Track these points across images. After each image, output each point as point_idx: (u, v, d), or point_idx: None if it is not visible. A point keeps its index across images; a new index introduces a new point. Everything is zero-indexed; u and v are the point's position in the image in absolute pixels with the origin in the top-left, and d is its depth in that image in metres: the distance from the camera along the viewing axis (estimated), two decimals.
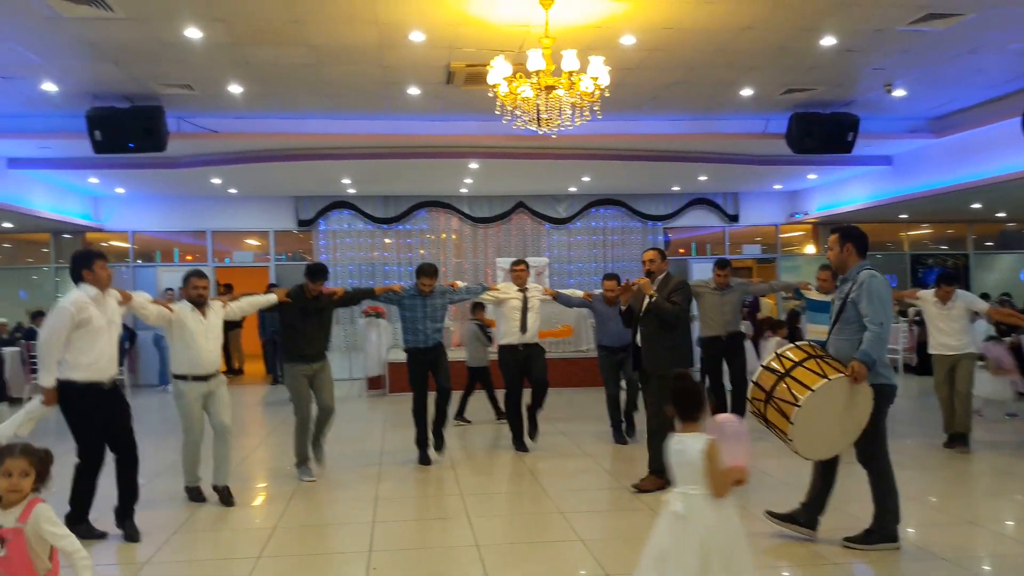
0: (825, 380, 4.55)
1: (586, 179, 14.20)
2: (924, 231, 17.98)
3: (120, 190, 14.28)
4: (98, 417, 5.44)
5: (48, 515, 3.24)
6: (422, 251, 15.94)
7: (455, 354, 9.52)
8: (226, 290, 14.02)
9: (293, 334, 7.08)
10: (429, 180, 14.01)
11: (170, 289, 13.80)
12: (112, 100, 9.44)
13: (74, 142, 10.15)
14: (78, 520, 5.42)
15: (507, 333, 8.15)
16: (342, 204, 15.49)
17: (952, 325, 8.12)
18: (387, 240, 15.98)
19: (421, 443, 7.65)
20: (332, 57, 8.38)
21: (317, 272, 7.18)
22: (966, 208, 14.75)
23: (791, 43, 8.24)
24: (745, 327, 10.62)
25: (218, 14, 7.14)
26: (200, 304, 6.36)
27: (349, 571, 4.78)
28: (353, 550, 5.13)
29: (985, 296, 13.34)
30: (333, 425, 7.41)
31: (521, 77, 6.96)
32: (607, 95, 7.14)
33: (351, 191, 15.00)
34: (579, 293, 8.88)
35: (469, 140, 11.35)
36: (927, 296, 8.30)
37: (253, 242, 16.24)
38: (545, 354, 8.35)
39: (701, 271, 16.16)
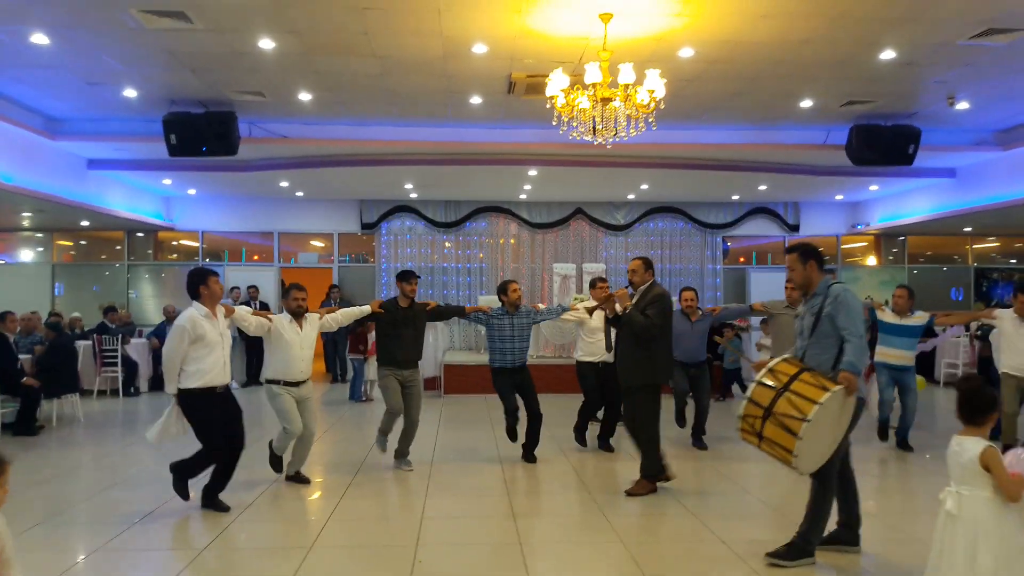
0: (828, 393, 4.48)
1: (644, 187, 14.30)
2: (991, 244, 17.64)
3: (192, 191, 14.83)
4: (216, 418, 6.04)
5: (6, 525, 3.05)
6: (481, 255, 16.21)
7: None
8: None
9: (387, 342, 7.41)
10: (489, 186, 14.27)
11: (236, 288, 14.30)
12: (188, 106, 9.87)
13: (150, 145, 10.65)
14: (183, 476, 6.14)
15: (590, 351, 8.32)
16: (404, 208, 15.86)
17: None
18: (447, 244, 16.28)
19: (511, 432, 7.95)
20: (398, 67, 8.66)
21: (409, 274, 7.58)
22: None
23: (850, 56, 8.27)
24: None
25: (290, 26, 7.47)
26: (298, 315, 6.84)
27: (396, 562, 4.99)
28: (401, 543, 5.35)
29: None
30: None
31: (578, 89, 7.14)
32: (662, 107, 7.28)
33: (413, 196, 15.34)
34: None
35: (529, 148, 11.57)
36: (1005, 314, 7.90)
37: (318, 243, 16.67)
38: None
39: (758, 280, 16.17)
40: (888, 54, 8.16)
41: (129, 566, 5.06)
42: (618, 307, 6.73)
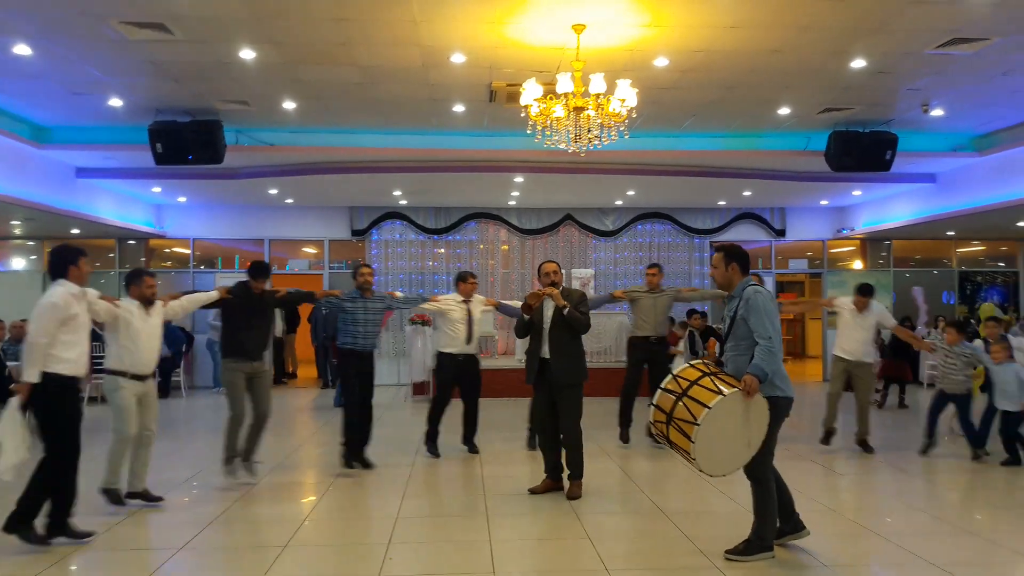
0: (720, 396, 4.63)
1: (631, 193, 14.44)
2: (976, 248, 17.78)
3: (182, 199, 14.96)
4: (77, 411, 5.47)
5: None
6: (472, 261, 16.35)
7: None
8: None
9: (233, 331, 7.12)
10: (477, 192, 14.43)
11: None
12: (173, 114, 10.01)
13: (137, 153, 10.76)
14: (26, 520, 5.31)
15: (450, 342, 8.38)
16: (394, 215, 16.01)
17: (862, 334, 8.66)
18: (439, 250, 16.44)
19: (351, 445, 7.74)
20: (379, 76, 8.81)
21: (260, 270, 7.25)
22: (1013, 226, 14.63)
23: (822, 65, 8.42)
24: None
25: (270, 36, 7.61)
26: (148, 303, 6.46)
27: (367, 560, 5.12)
28: (374, 541, 5.50)
29: None
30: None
31: (551, 98, 7.29)
32: (634, 116, 7.48)
33: (403, 202, 15.48)
34: (519, 304, 9.17)
35: (514, 155, 11.71)
36: (845, 303, 8.78)
37: (310, 250, 16.79)
38: (479, 367, 8.66)
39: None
40: (859, 63, 8.31)
41: (108, 564, 5.20)
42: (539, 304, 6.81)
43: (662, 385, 5.01)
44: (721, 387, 4.73)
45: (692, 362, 5.09)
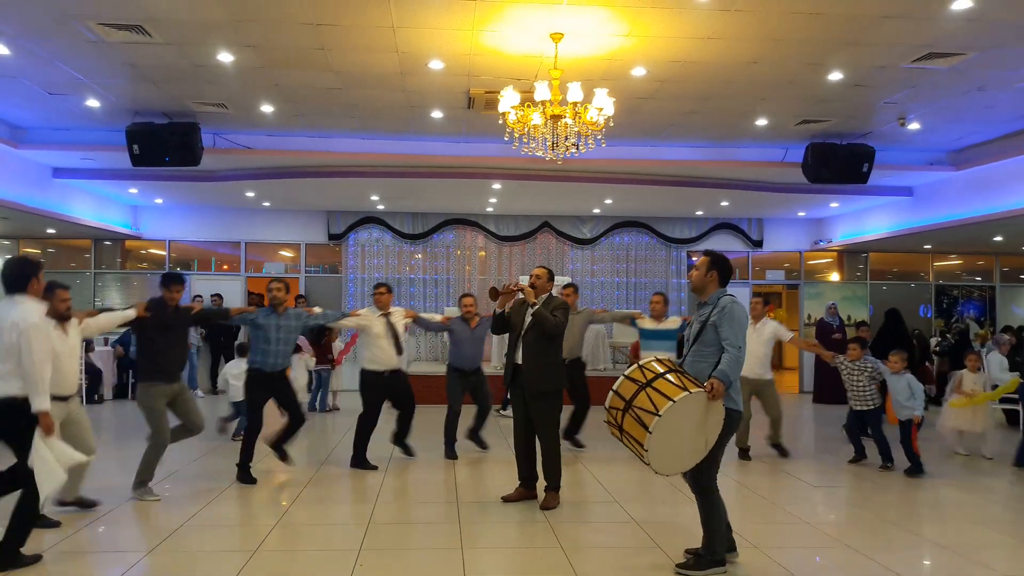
0: (686, 393, 4.63)
1: (609, 201, 14.49)
2: (953, 262, 17.95)
3: (159, 200, 14.87)
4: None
5: None
6: (448, 267, 16.35)
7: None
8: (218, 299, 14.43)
9: (152, 351, 6.81)
10: (456, 198, 14.44)
11: (199, 296, 14.31)
12: (151, 116, 9.96)
13: (115, 154, 10.71)
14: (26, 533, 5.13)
15: (374, 359, 8.10)
16: (372, 219, 15.98)
17: (760, 349, 8.55)
18: (416, 256, 16.42)
19: (245, 465, 7.48)
20: (357, 82, 8.80)
21: (173, 279, 6.93)
22: (989, 240, 14.79)
23: (798, 77, 8.49)
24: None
25: (248, 40, 7.59)
26: (64, 319, 5.95)
27: (337, 567, 5.09)
28: (344, 548, 5.46)
29: (1007, 329, 13.53)
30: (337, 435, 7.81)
31: (529, 106, 7.31)
32: (612, 124, 7.53)
33: (380, 207, 15.45)
34: (437, 317, 9.09)
35: (491, 161, 11.72)
36: None
37: (286, 253, 16.72)
38: (407, 379, 8.50)
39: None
40: (836, 75, 8.39)
41: (79, 567, 5.15)
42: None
43: (626, 373, 4.96)
44: (687, 385, 4.73)
45: (659, 357, 5.05)
